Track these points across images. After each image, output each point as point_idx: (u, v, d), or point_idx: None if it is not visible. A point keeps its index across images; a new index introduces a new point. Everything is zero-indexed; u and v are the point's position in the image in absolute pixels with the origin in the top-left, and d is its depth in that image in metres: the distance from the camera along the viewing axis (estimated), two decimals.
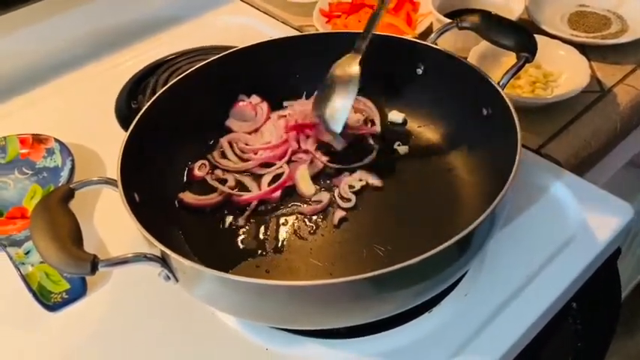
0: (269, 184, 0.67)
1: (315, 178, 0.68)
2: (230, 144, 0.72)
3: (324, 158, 0.69)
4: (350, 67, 0.67)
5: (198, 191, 0.67)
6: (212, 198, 0.66)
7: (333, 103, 0.67)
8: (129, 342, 0.58)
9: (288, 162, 0.69)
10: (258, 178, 0.69)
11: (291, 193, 0.67)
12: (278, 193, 0.66)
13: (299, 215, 0.64)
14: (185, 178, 0.69)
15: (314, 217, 0.64)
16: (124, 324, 0.59)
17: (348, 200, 0.65)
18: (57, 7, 0.89)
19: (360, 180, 0.67)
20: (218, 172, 0.69)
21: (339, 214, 0.63)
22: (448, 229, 0.59)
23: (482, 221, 0.49)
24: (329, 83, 0.67)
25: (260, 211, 0.65)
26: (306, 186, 0.66)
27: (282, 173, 0.68)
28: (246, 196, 0.66)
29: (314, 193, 0.66)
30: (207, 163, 0.69)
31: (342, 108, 0.66)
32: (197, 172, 0.68)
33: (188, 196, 0.66)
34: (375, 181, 0.67)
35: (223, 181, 0.68)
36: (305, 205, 0.65)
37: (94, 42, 0.94)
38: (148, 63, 0.92)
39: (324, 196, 0.65)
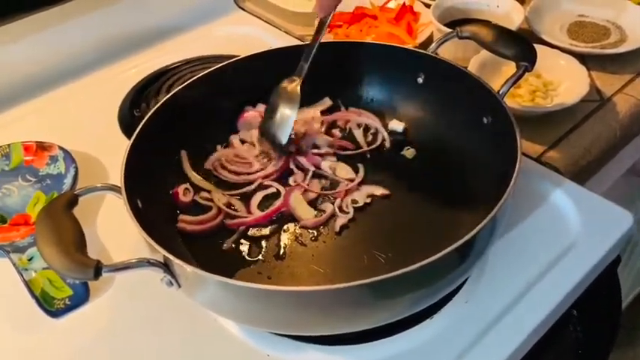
0: (258, 206, 0.66)
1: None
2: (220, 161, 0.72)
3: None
4: (292, 88, 0.69)
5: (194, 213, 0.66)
6: (210, 219, 0.65)
7: (279, 118, 0.69)
8: (131, 348, 0.58)
9: (283, 184, 0.68)
10: (246, 199, 0.67)
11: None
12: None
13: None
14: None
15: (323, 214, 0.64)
16: (126, 330, 0.60)
17: (347, 213, 0.65)
18: (60, 16, 0.90)
19: (368, 197, 0.66)
20: (204, 194, 0.68)
21: (341, 221, 0.64)
22: (448, 235, 0.59)
23: (482, 228, 0.49)
24: (273, 105, 0.69)
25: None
26: (303, 211, 0.65)
27: (272, 194, 0.67)
28: (235, 220, 0.64)
29: (314, 215, 0.64)
30: (190, 187, 0.67)
31: (288, 120, 0.68)
32: (182, 198, 0.66)
33: (186, 220, 0.64)
34: (383, 191, 0.67)
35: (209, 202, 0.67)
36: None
37: (98, 50, 0.95)
38: (150, 71, 0.92)
39: (327, 207, 0.65)
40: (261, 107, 0.74)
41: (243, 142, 0.73)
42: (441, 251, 0.47)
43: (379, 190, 0.67)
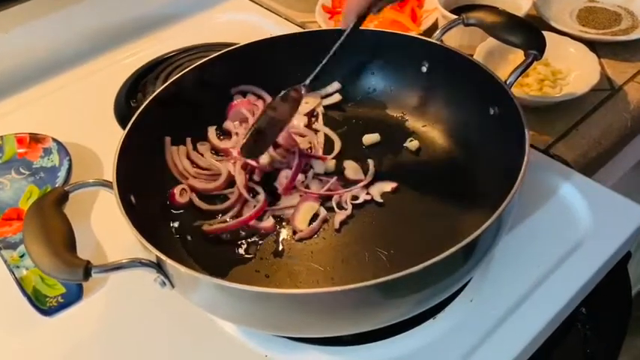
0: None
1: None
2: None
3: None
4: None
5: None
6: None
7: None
8: (125, 348, 0.57)
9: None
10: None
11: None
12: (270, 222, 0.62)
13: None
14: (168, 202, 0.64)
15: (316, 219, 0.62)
16: (120, 329, 0.58)
17: (345, 209, 0.63)
18: (53, 4, 0.87)
19: (367, 194, 0.64)
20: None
21: (339, 217, 0.62)
22: (452, 232, 0.58)
23: (488, 227, 0.47)
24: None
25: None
26: (302, 221, 0.61)
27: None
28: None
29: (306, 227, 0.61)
30: (187, 188, 0.65)
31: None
32: (179, 199, 0.63)
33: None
34: (392, 185, 0.64)
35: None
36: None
37: (93, 39, 0.93)
38: (147, 60, 0.90)
39: (321, 210, 0.62)
40: (252, 97, 0.72)
41: (228, 132, 0.71)
42: (446, 251, 0.45)
43: (388, 185, 0.64)
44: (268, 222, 0.62)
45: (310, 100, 0.73)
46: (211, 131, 0.71)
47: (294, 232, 0.61)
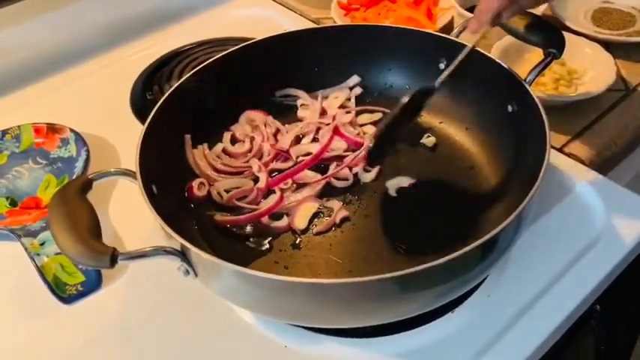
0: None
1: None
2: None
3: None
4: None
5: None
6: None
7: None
8: (144, 336, 0.57)
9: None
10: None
11: None
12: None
13: (318, 212, 0.63)
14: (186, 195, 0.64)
15: (332, 214, 0.62)
16: (139, 317, 0.58)
17: (347, 180, 0.65)
18: None
19: (396, 191, 0.64)
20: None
21: (342, 213, 0.62)
22: (470, 229, 0.58)
23: (509, 224, 0.47)
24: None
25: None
26: (302, 221, 0.62)
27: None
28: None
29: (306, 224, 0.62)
30: (205, 182, 0.65)
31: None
32: (197, 192, 0.64)
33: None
34: (410, 181, 0.65)
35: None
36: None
37: (110, 31, 0.93)
38: (163, 53, 0.90)
39: (334, 204, 0.63)
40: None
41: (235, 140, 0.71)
42: (465, 247, 0.45)
43: (406, 181, 0.65)
44: (283, 222, 0.62)
45: (340, 95, 0.74)
46: (226, 136, 0.71)
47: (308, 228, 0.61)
